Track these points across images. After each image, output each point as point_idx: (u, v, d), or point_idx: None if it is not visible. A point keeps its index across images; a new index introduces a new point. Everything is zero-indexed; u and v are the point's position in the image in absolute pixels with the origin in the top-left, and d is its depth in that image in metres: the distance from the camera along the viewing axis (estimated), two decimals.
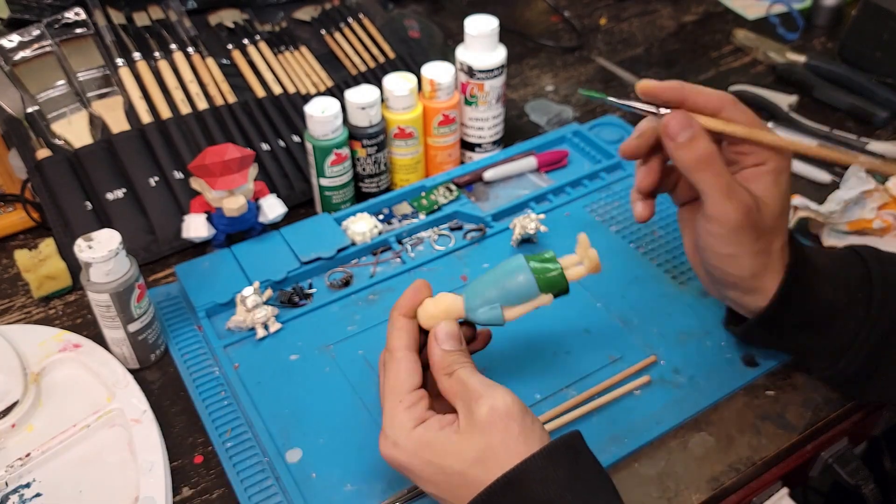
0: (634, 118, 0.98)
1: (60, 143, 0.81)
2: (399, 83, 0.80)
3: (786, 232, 0.57)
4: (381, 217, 0.81)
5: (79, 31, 0.86)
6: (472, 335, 0.57)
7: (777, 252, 0.56)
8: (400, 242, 0.78)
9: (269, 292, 0.71)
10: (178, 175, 0.81)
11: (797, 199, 0.78)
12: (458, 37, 0.95)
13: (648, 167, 0.60)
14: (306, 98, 0.90)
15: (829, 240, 0.77)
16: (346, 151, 0.79)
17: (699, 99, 0.55)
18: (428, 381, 0.54)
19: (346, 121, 0.79)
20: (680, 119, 0.54)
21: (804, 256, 0.58)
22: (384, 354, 0.54)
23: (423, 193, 0.83)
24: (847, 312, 0.57)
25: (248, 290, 0.69)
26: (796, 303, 0.57)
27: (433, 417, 0.50)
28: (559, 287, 0.55)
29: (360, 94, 0.78)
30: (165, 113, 0.84)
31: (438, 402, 0.53)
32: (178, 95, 0.86)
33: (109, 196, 0.79)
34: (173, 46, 0.90)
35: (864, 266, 0.59)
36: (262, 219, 0.77)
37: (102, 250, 0.60)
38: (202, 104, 0.86)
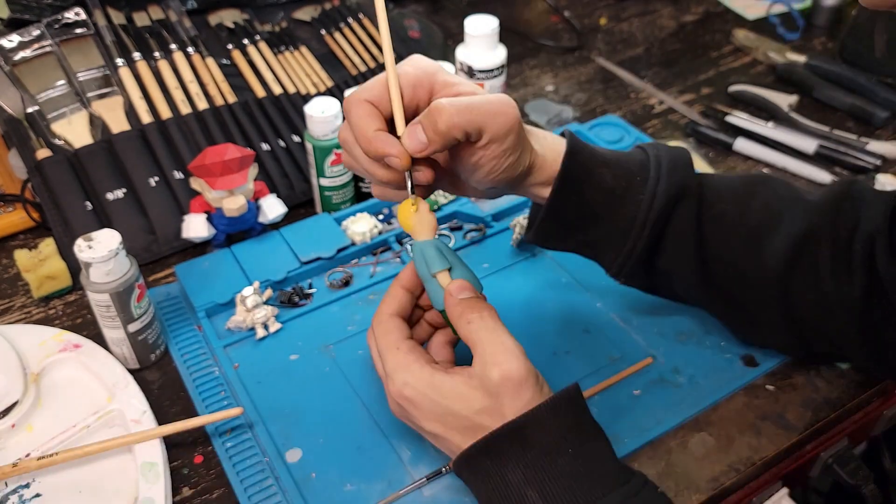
0: (635, 118, 0.98)
1: (60, 143, 0.81)
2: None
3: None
4: (381, 217, 0.81)
5: (79, 31, 0.86)
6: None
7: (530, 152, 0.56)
8: (400, 242, 0.78)
9: (269, 292, 0.71)
10: (178, 175, 0.81)
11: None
12: (458, 37, 0.95)
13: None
14: (306, 98, 0.90)
15: None
16: None
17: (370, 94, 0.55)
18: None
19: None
20: (408, 134, 0.51)
21: (583, 145, 0.58)
22: (373, 320, 0.56)
23: None
24: (627, 197, 0.58)
25: (248, 290, 0.69)
26: (577, 187, 0.57)
27: (439, 363, 0.53)
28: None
29: None
30: (165, 113, 0.84)
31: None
32: (178, 95, 0.86)
33: (109, 196, 0.79)
34: (173, 46, 0.90)
35: (644, 153, 0.60)
36: (262, 219, 0.77)
37: (102, 250, 0.60)
38: (202, 104, 0.86)
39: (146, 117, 0.84)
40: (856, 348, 0.58)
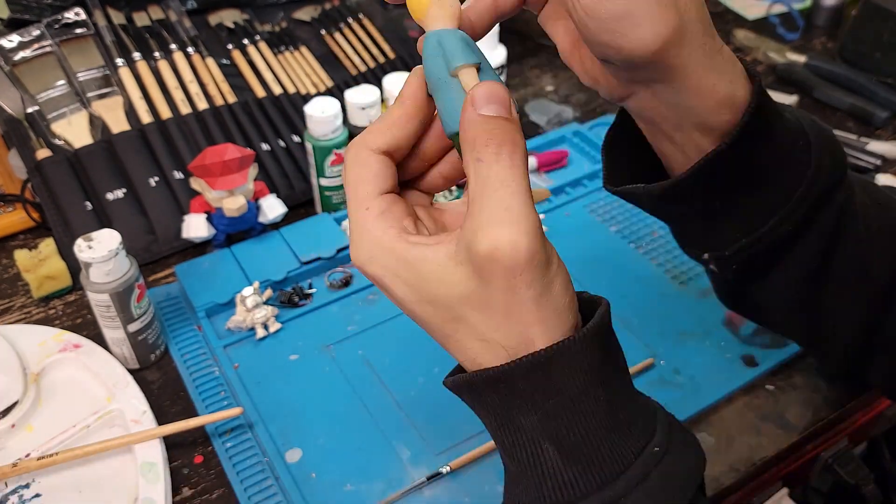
0: None
1: (60, 143, 0.81)
2: (399, 83, 0.80)
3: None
4: None
5: (79, 31, 0.86)
6: None
7: (694, 21, 0.39)
8: None
9: (268, 292, 0.71)
10: (178, 175, 0.81)
11: None
12: None
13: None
14: (306, 98, 0.90)
15: None
16: None
17: None
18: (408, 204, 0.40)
19: (346, 121, 0.79)
20: None
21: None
22: (346, 152, 0.40)
23: None
24: (792, 161, 0.46)
25: (247, 290, 0.69)
26: (763, 135, 0.44)
27: (418, 224, 0.39)
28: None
29: (360, 94, 0.78)
30: (165, 113, 0.84)
31: (428, 220, 0.40)
32: (178, 95, 0.86)
33: (109, 196, 0.79)
34: (173, 46, 0.90)
35: (788, 114, 0.47)
36: (262, 219, 0.77)
37: (102, 250, 0.60)
38: (202, 104, 0.86)
39: (146, 117, 0.84)
40: None
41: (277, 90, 0.90)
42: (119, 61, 0.87)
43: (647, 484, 0.36)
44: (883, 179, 0.85)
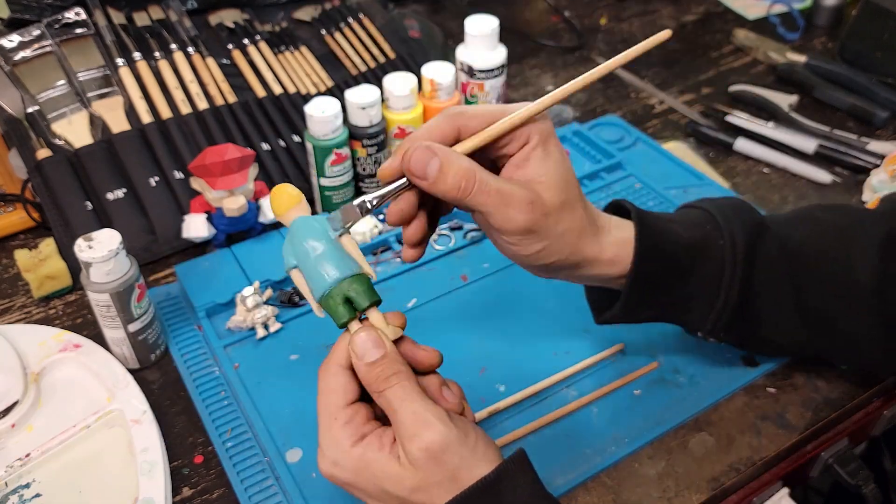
0: (635, 118, 0.98)
1: (61, 143, 0.81)
2: (399, 83, 0.80)
3: (582, 196, 0.53)
4: (381, 217, 0.81)
5: (79, 31, 0.86)
6: (402, 324, 0.50)
7: (586, 215, 0.53)
8: (400, 242, 0.78)
9: (269, 292, 0.71)
10: (179, 175, 0.81)
11: None
12: (458, 37, 0.94)
13: (415, 224, 0.52)
14: (306, 98, 0.90)
15: None
16: (346, 151, 0.79)
17: (433, 136, 0.49)
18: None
19: (346, 121, 0.79)
20: (420, 153, 0.47)
21: (642, 211, 0.56)
22: (320, 369, 0.50)
23: None
24: (707, 245, 0.56)
25: (248, 290, 0.69)
26: (658, 248, 0.55)
27: (372, 434, 0.47)
28: (333, 315, 0.48)
29: (361, 94, 0.78)
30: (166, 113, 0.84)
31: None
32: (178, 95, 0.86)
33: (109, 196, 0.79)
34: (173, 46, 0.90)
35: (694, 208, 0.59)
36: (262, 219, 0.77)
37: (102, 250, 0.60)
38: (202, 104, 0.86)
39: (146, 117, 0.84)
40: None
41: (278, 90, 0.90)
42: (119, 61, 0.87)
43: None
44: (879, 176, 0.85)
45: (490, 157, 0.52)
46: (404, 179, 0.48)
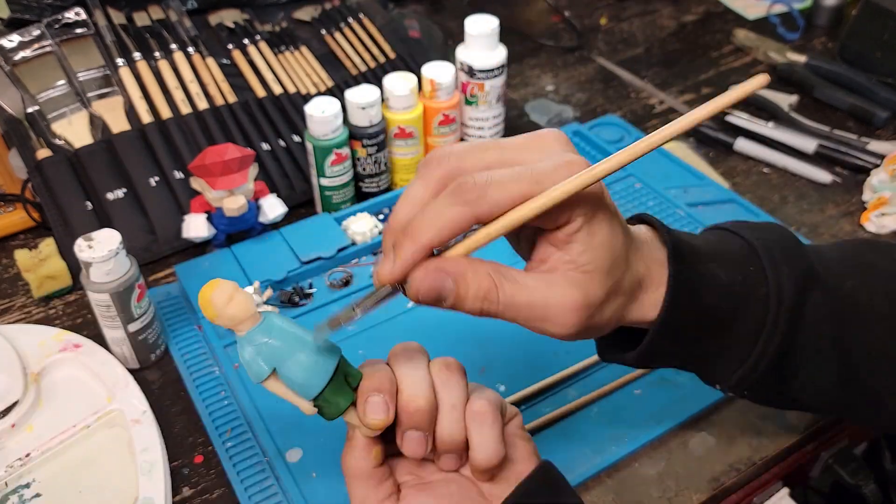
0: (635, 118, 0.98)
1: (61, 143, 0.81)
2: (399, 83, 0.80)
3: (627, 259, 0.43)
4: (381, 217, 0.81)
5: (79, 31, 0.86)
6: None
7: (630, 279, 0.44)
8: None
9: (269, 292, 0.71)
10: (179, 175, 0.81)
11: None
12: (458, 37, 0.95)
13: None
14: (306, 98, 0.90)
15: None
16: (346, 151, 0.79)
17: (443, 236, 0.39)
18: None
19: (346, 121, 0.79)
20: (430, 281, 0.39)
21: (680, 239, 0.46)
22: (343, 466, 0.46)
23: None
24: (749, 293, 0.46)
25: (248, 290, 0.69)
26: (694, 294, 0.45)
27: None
28: (323, 413, 0.44)
29: (361, 94, 0.78)
30: (166, 113, 0.84)
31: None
32: (178, 95, 0.86)
33: (109, 196, 0.79)
34: (173, 46, 0.90)
35: (735, 235, 0.49)
36: (262, 219, 0.77)
37: (102, 250, 0.60)
38: (202, 104, 0.86)
39: (146, 117, 0.84)
40: None
41: (278, 90, 0.90)
42: (119, 61, 0.87)
43: None
44: (879, 175, 0.85)
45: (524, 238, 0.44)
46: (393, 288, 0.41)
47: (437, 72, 0.82)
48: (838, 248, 0.52)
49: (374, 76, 0.95)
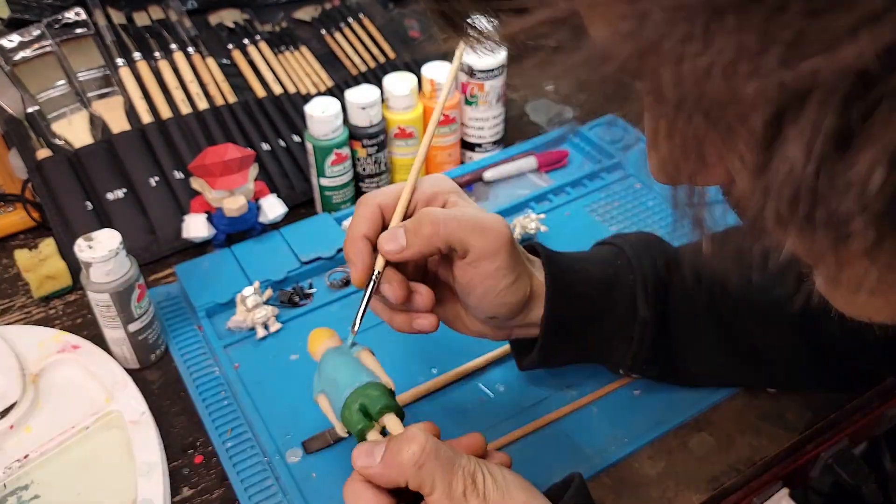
0: (634, 117, 0.98)
1: (61, 143, 0.81)
2: (399, 83, 0.80)
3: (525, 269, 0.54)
4: None
5: (79, 31, 0.86)
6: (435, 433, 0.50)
7: (525, 290, 0.53)
8: None
9: (269, 292, 0.71)
10: (179, 175, 0.81)
11: None
12: None
13: (417, 296, 0.53)
14: (306, 98, 0.90)
15: None
16: (346, 151, 0.79)
17: (366, 226, 0.51)
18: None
19: (346, 121, 0.79)
20: (387, 234, 0.50)
21: (554, 252, 0.56)
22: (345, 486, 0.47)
23: None
24: (618, 282, 0.56)
25: (248, 290, 0.69)
26: (569, 288, 0.54)
27: None
28: (352, 429, 0.48)
29: (361, 94, 0.78)
30: (166, 113, 0.84)
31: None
32: (178, 95, 0.86)
33: (110, 196, 0.79)
34: (173, 46, 0.90)
35: (605, 244, 0.59)
36: (262, 219, 0.77)
37: (102, 250, 0.60)
38: (202, 104, 0.86)
39: (146, 117, 0.84)
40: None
41: (278, 90, 0.90)
42: (119, 61, 0.87)
43: None
44: None
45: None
46: (373, 283, 0.51)
47: (437, 72, 0.82)
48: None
49: (374, 76, 0.94)
